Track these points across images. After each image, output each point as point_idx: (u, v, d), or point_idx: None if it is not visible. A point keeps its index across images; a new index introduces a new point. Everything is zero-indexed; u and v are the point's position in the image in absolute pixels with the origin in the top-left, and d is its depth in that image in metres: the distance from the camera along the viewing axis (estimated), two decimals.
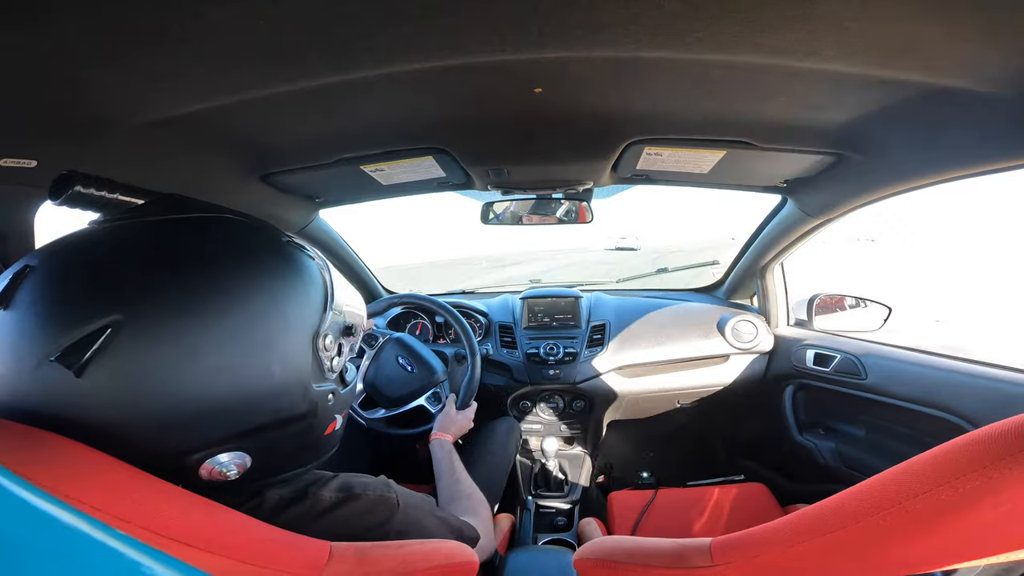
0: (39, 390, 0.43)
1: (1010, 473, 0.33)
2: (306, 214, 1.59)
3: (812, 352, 1.60)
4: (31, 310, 0.44)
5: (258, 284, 0.52)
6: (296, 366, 0.54)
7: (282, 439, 0.55)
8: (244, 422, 0.50)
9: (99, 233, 0.51)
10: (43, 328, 0.43)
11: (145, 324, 0.44)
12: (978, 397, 1.14)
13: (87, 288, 0.45)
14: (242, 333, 0.49)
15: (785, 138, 1.02)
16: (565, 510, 1.68)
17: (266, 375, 0.51)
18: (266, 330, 0.51)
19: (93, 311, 0.43)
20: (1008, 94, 0.68)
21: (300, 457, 0.61)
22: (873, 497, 0.41)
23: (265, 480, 0.57)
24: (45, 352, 0.42)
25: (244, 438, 0.51)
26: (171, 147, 0.89)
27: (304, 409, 0.56)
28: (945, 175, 0.99)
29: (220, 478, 0.51)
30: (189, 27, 0.54)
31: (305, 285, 0.57)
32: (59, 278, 0.47)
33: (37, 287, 0.45)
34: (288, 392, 0.54)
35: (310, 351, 0.56)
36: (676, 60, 0.68)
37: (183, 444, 0.48)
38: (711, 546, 0.53)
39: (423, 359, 1.43)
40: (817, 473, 1.55)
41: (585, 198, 1.55)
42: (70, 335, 0.42)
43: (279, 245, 0.58)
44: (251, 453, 0.52)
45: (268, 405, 0.52)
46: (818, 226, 1.49)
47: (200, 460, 0.49)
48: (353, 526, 0.61)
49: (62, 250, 0.49)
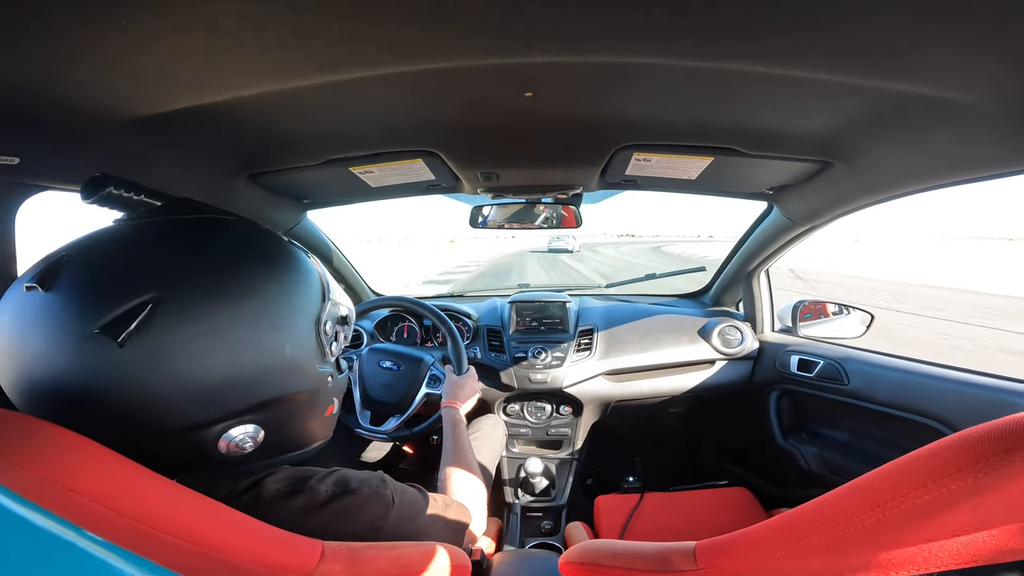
0: (83, 363, 0.47)
1: (985, 476, 0.34)
2: (294, 215, 1.58)
3: (796, 358, 1.62)
4: (75, 289, 0.48)
5: (270, 273, 0.59)
6: (303, 346, 0.61)
7: (291, 414, 0.62)
8: (260, 394, 0.56)
9: (129, 228, 0.56)
10: (89, 304, 0.47)
11: (180, 302, 0.50)
12: (957, 402, 1.16)
13: (129, 270, 0.51)
14: (259, 314, 0.55)
15: (771, 145, 1.04)
16: (552, 514, 1.67)
17: (279, 352, 0.57)
18: (278, 312, 0.58)
19: (135, 289, 0.48)
20: (989, 104, 0.69)
21: (305, 436, 0.67)
22: (851, 500, 0.42)
23: (273, 458, 0.62)
24: (91, 326, 0.46)
25: (259, 410, 0.56)
26: (156, 145, 0.88)
27: (310, 386, 0.63)
28: (927, 183, 1.01)
29: (237, 451, 0.56)
30: (175, 24, 0.54)
31: (307, 276, 0.64)
32: (101, 262, 0.51)
33: (80, 270, 0.50)
34: (298, 369, 0.60)
35: (314, 334, 0.63)
36: (665, 66, 0.69)
37: (208, 414, 0.52)
38: (695, 550, 0.53)
39: (404, 354, 1.43)
40: (800, 477, 1.57)
41: (574, 203, 1.56)
42: (115, 309, 0.47)
43: (281, 241, 0.65)
44: (265, 427, 0.58)
45: (281, 380, 0.58)
46: (803, 233, 1.51)
47: (220, 432, 0.54)
48: (348, 521, 0.63)
49: (96, 243, 0.54)
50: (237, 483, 0.59)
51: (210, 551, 0.45)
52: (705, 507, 1.47)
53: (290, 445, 0.65)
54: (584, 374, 1.72)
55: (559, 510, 1.69)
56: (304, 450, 0.67)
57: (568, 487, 1.74)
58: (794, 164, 1.12)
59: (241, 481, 0.59)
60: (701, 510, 1.46)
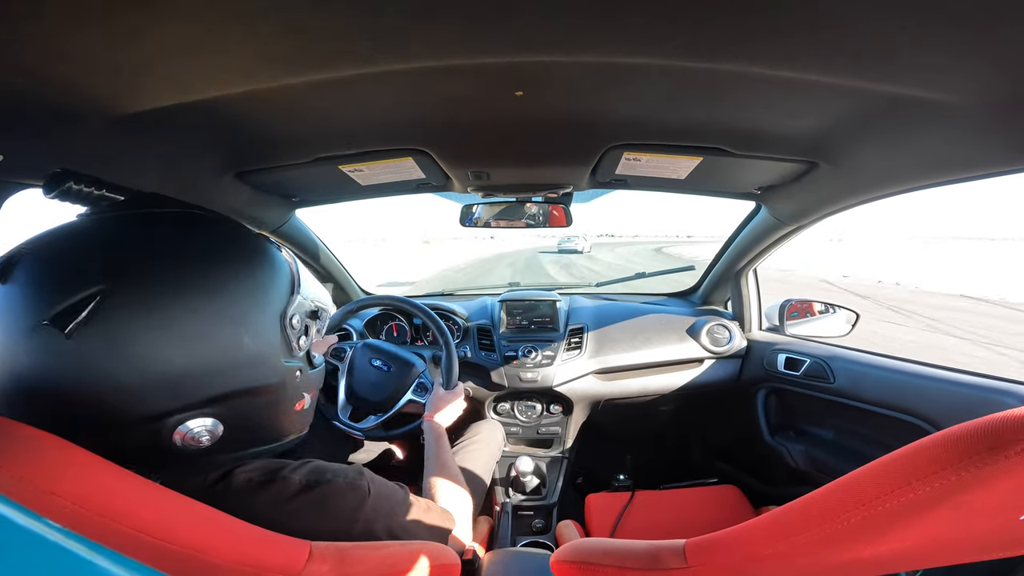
0: (33, 354, 0.48)
1: (968, 474, 0.34)
2: (282, 213, 1.56)
3: (783, 356, 1.64)
4: (27, 281, 0.49)
5: (231, 266, 0.59)
6: (265, 340, 0.60)
7: (253, 409, 0.61)
8: (217, 387, 0.55)
9: (87, 223, 0.57)
10: (38, 295, 0.48)
11: (128, 294, 0.50)
12: (941, 400, 1.18)
13: (78, 263, 0.51)
14: (216, 306, 0.55)
15: (760, 146, 1.05)
16: (543, 513, 1.68)
17: (237, 344, 0.56)
18: (237, 304, 0.57)
19: (83, 281, 0.49)
20: (977, 105, 0.70)
21: (271, 431, 0.65)
22: (837, 499, 0.42)
23: (236, 452, 0.61)
24: (39, 317, 0.47)
25: (217, 403, 0.56)
26: (141, 143, 0.87)
27: (274, 381, 0.62)
28: (914, 183, 1.02)
29: (193, 444, 0.55)
30: (162, 20, 0.53)
31: (273, 269, 0.64)
32: (53, 256, 0.52)
33: (33, 263, 0.51)
34: (258, 363, 0.59)
35: (279, 328, 0.62)
36: (656, 67, 0.69)
37: (160, 406, 0.52)
38: (685, 547, 0.54)
39: (397, 356, 1.41)
40: (788, 475, 1.59)
41: (564, 202, 1.57)
42: (62, 301, 0.47)
43: (248, 235, 0.65)
44: (223, 421, 0.57)
45: (239, 373, 0.57)
46: (791, 232, 1.53)
47: (175, 424, 0.53)
48: (322, 511, 0.62)
49: (53, 237, 0.54)
50: (207, 476, 0.58)
51: (194, 552, 0.44)
52: (695, 505, 1.48)
53: (256, 439, 0.64)
54: (574, 373, 1.73)
55: (550, 508, 1.69)
56: (275, 444, 0.67)
57: (559, 485, 1.75)
58: (782, 164, 1.13)
59: (211, 473, 0.59)
60: (691, 508, 1.47)
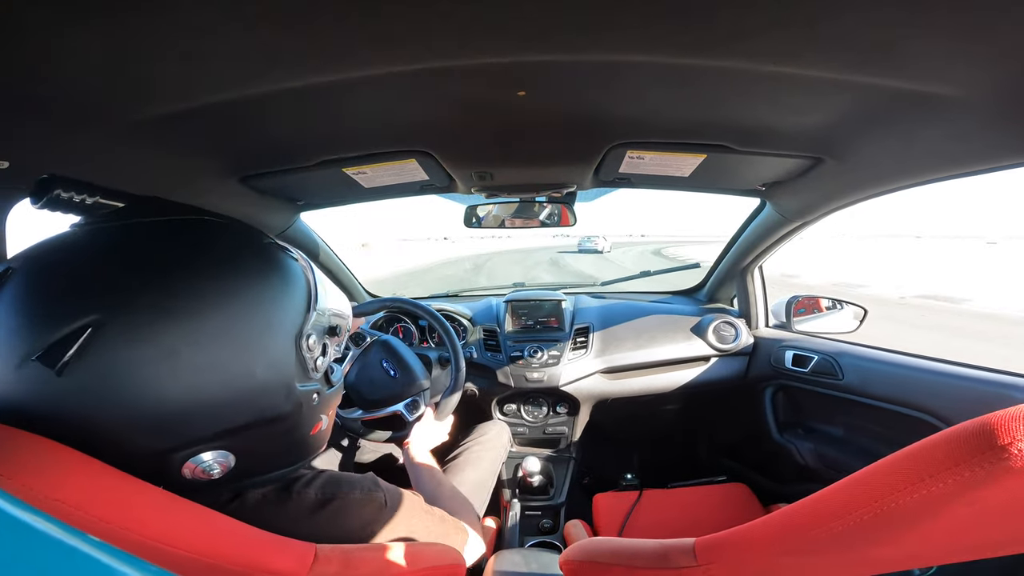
0: (21, 389, 0.43)
1: (982, 470, 0.34)
2: (287, 217, 1.57)
3: (791, 353, 1.63)
4: (12, 310, 0.44)
5: (237, 285, 0.52)
6: (279, 366, 0.54)
7: (266, 439, 0.55)
8: (227, 421, 0.50)
9: (79, 236, 0.51)
10: (24, 327, 0.43)
11: (124, 324, 0.44)
12: (951, 396, 1.17)
13: (68, 289, 0.45)
14: (222, 333, 0.49)
15: (764, 142, 1.04)
16: (550, 513, 1.67)
17: (248, 375, 0.51)
18: (247, 330, 0.51)
19: (73, 311, 0.43)
20: (981, 98, 0.69)
21: (285, 457, 0.61)
22: (848, 496, 0.42)
23: (249, 480, 0.57)
24: (27, 351, 0.42)
25: (227, 437, 0.50)
26: (147, 148, 0.87)
27: (288, 409, 0.55)
28: (920, 178, 1.02)
29: (203, 477, 0.51)
30: (165, 26, 0.53)
31: (287, 285, 0.57)
32: (41, 280, 0.46)
33: (18, 288, 0.45)
34: (271, 392, 0.53)
35: (293, 351, 0.56)
36: (658, 64, 0.69)
37: (165, 443, 0.47)
38: (695, 546, 0.54)
39: (407, 366, 1.40)
40: (797, 473, 1.58)
41: (568, 201, 1.56)
42: (51, 334, 0.42)
43: (259, 246, 0.58)
44: (235, 452, 0.52)
45: (251, 404, 0.52)
46: (796, 229, 1.52)
47: (183, 459, 0.49)
48: (339, 525, 0.61)
49: (43, 253, 0.49)
50: (219, 496, 0.55)
51: (200, 556, 0.44)
52: (703, 503, 1.48)
53: (270, 466, 0.59)
54: (580, 372, 1.72)
55: (557, 508, 1.69)
56: (288, 469, 0.62)
57: (566, 485, 1.75)
58: (786, 160, 1.12)
59: (222, 494, 0.56)
60: (699, 507, 1.47)
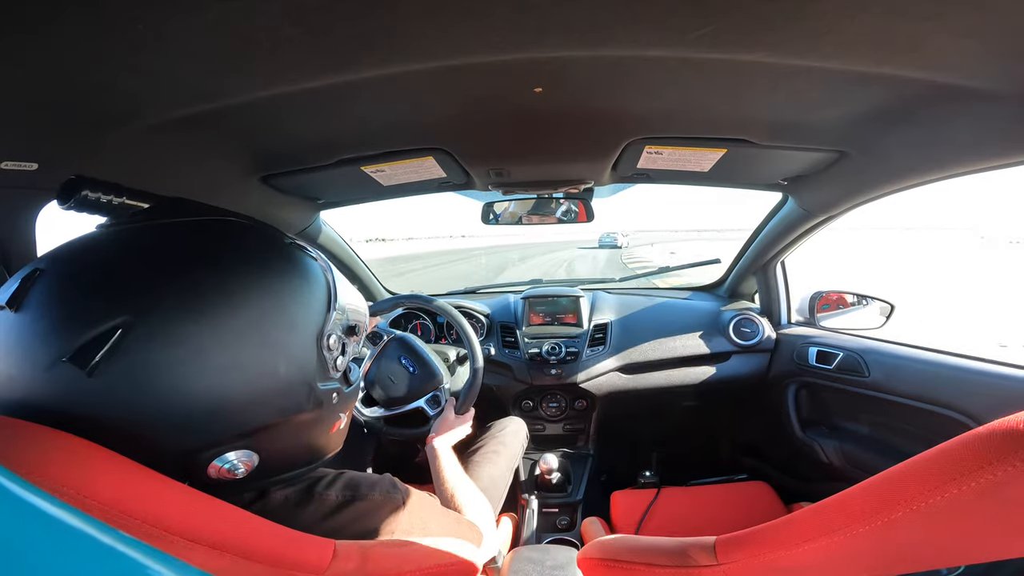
0: (52, 391, 0.44)
1: (1015, 469, 0.33)
2: (307, 215, 1.59)
3: (814, 350, 1.60)
4: (43, 312, 0.45)
5: (262, 285, 0.53)
6: (301, 365, 0.55)
7: (288, 438, 0.56)
8: (252, 420, 0.51)
9: (107, 237, 0.52)
10: (55, 329, 0.44)
11: (154, 325, 0.45)
12: (981, 394, 1.14)
13: (97, 290, 0.46)
14: (248, 333, 0.50)
15: (785, 136, 1.02)
16: (568, 510, 1.67)
17: (272, 374, 0.51)
18: (271, 330, 0.52)
19: (104, 312, 0.44)
20: (1008, 91, 0.68)
21: (306, 455, 0.62)
22: (877, 495, 0.41)
23: (271, 479, 0.58)
24: (58, 353, 0.43)
25: (251, 436, 0.51)
26: (171, 149, 0.89)
27: (310, 407, 0.57)
28: (945, 172, 0.99)
29: (228, 476, 0.52)
30: (187, 27, 0.54)
31: (309, 285, 0.57)
32: (70, 281, 0.47)
33: (48, 290, 0.46)
34: (294, 390, 0.54)
35: (315, 350, 0.56)
36: (676, 59, 0.68)
37: (192, 443, 0.48)
38: (715, 544, 0.53)
39: (426, 361, 1.42)
40: (821, 471, 1.55)
41: (585, 197, 1.56)
42: (82, 336, 0.43)
43: (282, 246, 0.58)
44: (258, 452, 0.53)
45: (275, 403, 0.53)
46: (819, 224, 1.49)
47: (209, 459, 0.50)
48: (358, 527, 0.62)
49: (71, 254, 0.50)
50: (242, 496, 0.56)
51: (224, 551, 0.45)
52: (723, 502, 1.46)
53: (289, 466, 0.60)
54: (598, 369, 1.72)
55: (575, 506, 1.69)
56: (307, 468, 0.63)
57: (584, 483, 1.74)
58: (809, 155, 1.10)
59: (246, 494, 0.57)
60: (719, 505, 1.45)
